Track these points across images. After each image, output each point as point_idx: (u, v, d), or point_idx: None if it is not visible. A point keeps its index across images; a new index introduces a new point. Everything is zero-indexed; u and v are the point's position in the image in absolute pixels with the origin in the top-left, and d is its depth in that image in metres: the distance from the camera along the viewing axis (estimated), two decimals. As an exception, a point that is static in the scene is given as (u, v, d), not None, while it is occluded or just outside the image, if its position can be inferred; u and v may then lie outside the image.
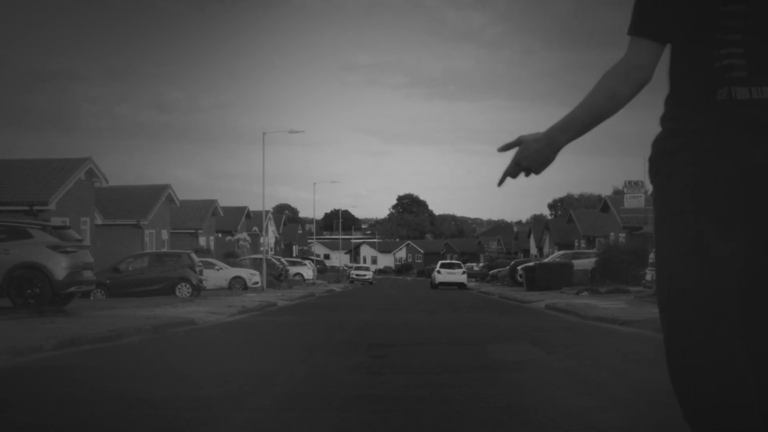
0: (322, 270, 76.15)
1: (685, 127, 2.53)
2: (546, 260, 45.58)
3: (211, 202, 58.95)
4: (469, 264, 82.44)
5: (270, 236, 73.01)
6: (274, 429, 5.63)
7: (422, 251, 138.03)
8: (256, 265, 44.33)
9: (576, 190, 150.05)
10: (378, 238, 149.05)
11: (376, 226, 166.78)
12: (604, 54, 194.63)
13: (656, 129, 2.70)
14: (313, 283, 56.28)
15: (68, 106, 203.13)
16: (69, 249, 19.42)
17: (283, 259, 58.81)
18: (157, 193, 47.72)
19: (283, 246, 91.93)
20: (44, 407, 6.49)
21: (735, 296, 2.44)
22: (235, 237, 60.96)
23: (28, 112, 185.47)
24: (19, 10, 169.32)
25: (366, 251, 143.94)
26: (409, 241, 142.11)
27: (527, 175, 2.75)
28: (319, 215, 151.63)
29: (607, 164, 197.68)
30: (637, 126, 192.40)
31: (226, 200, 77.40)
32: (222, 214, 60.46)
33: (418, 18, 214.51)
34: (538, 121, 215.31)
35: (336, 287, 53.05)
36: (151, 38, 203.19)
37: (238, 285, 38.48)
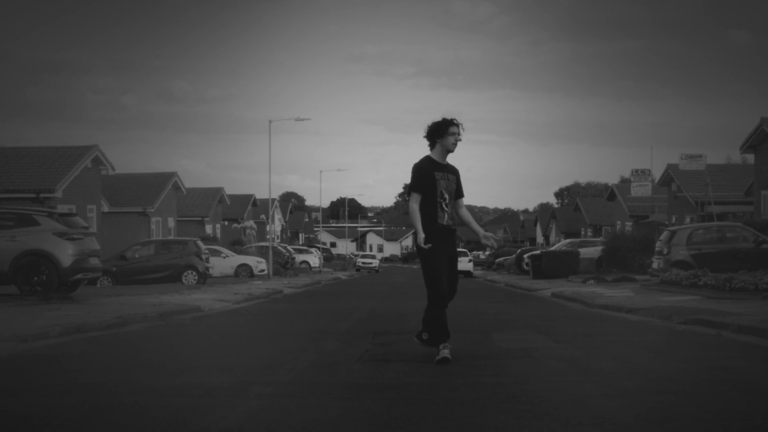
0: (328, 258, 76.18)
1: (430, 229, 8.31)
2: (552, 248, 45.45)
3: (218, 190, 58.93)
4: (475, 252, 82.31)
5: (276, 224, 73.02)
6: (278, 417, 5.62)
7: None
8: (262, 252, 44.36)
9: (583, 179, 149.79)
10: (384, 227, 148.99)
11: (382, 214, 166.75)
12: (610, 44, 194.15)
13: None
14: (320, 271, 56.30)
15: (74, 97, 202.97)
16: (75, 236, 19.40)
17: (289, 247, 58.81)
18: (164, 180, 47.71)
19: (289, 234, 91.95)
20: (48, 395, 6.51)
21: (446, 272, 8.37)
22: (242, 225, 60.84)
23: (34, 103, 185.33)
24: (25, 6, 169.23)
25: (372, 239, 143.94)
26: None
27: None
28: (326, 203, 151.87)
29: (614, 153, 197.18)
30: (645, 116, 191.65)
31: (232, 189, 77.38)
32: (228, 202, 60.41)
33: (425, 8, 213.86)
34: (546, 111, 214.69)
35: (342, 275, 53.07)
36: (158, 32, 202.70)
37: (244, 272, 38.49)
